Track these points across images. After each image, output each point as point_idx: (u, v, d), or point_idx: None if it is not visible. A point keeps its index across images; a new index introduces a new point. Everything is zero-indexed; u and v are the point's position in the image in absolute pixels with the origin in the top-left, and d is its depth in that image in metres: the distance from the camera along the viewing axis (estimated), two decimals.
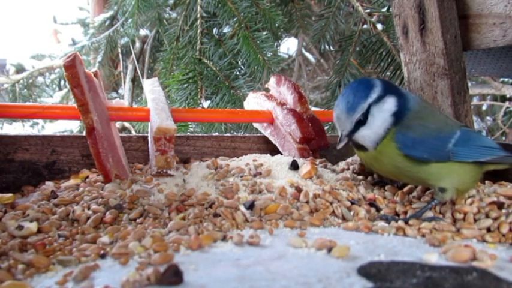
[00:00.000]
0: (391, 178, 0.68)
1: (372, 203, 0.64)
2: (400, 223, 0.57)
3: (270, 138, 0.92)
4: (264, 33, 1.31)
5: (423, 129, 0.59)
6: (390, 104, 0.60)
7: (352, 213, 0.62)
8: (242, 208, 0.61)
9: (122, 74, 2.23)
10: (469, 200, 0.62)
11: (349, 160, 0.81)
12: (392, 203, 0.65)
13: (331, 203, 0.64)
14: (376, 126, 0.60)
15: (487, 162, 0.61)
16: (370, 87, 0.60)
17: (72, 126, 2.19)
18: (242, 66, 1.39)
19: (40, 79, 2.46)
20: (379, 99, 0.59)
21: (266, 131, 0.93)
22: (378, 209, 0.63)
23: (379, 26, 1.32)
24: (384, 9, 1.42)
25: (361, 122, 0.60)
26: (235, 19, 1.32)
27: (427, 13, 0.82)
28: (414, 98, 0.62)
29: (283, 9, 1.65)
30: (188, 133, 1.17)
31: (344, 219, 0.61)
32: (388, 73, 1.20)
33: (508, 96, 2.63)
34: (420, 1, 0.82)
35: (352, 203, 0.64)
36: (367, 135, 0.60)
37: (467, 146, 0.59)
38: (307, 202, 0.64)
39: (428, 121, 0.61)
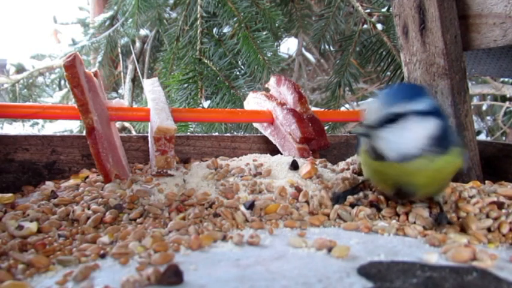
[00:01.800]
0: (422, 190, 0.59)
1: (373, 203, 0.64)
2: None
3: (270, 138, 0.92)
4: (264, 33, 1.31)
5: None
6: (434, 125, 0.53)
7: (354, 211, 0.62)
8: (242, 208, 0.61)
9: (122, 74, 2.24)
10: (473, 200, 0.62)
11: (349, 160, 0.81)
12: (393, 203, 0.65)
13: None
14: (407, 137, 0.53)
15: None
16: (425, 97, 0.54)
17: (72, 126, 2.19)
18: (242, 66, 1.39)
19: (40, 79, 2.46)
20: (424, 114, 0.53)
21: (266, 131, 0.93)
22: (379, 209, 0.63)
23: (379, 26, 1.32)
24: (384, 9, 1.42)
25: (391, 122, 0.53)
26: (235, 19, 1.32)
27: (427, 13, 0.82)
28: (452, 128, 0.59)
29: (283, 9, 1.65)
30: (188, 133, 1.17)
31: (344, 220, 0.61)
32: (388, 73, 1.21)
33: (508, 96, 2.63)
34: (420, 1, 0.82)
35: (353, 206, 0.63)
36: (393, 140, 0.53)
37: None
38: (306, 202, 0.64)
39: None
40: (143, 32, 2.16)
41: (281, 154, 0.85)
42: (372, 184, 0.68)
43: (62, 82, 2.39)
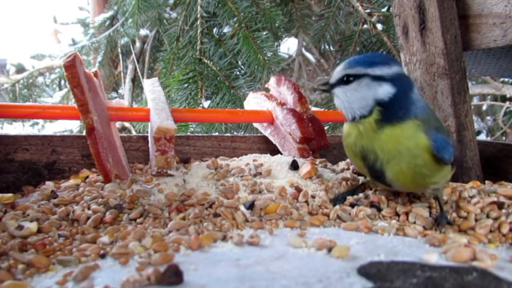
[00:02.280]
0: (397, 181, 0.59)
1: (373, 204, 0.64)
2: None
3: (270, 138, 0.92)
4: (264, 33, 1.31)
5: (440, 126, 0.59)
6: (386, 91, 0.55)
7: (354, 211, 0.62)
8: (242, 208, 0.61)
9: (122, 74, 2.23)
10: (473, 200, 0.62)
11: (349, 160, 0.81)
12: (393, 203, 0.65)
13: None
14: (358, 97, 0.56)
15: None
16: (384, 64, 0.56)
17: (72, 126, 2.19)
18: (242, 66, 1.39)
19: (40, 79, 2.46)
20: (380, 79, 0.55)
21: (266, 131, 0.93)
22: (379, 209, 0.63)
23: (379, 26, 1.32)
24: (384, 9, 1.42)
25: (347, 82, 0.56)
26: (235, 19, 1.32)
27: (427, 13, 0.82)
28: (423, 106, 0.58)
29: (283, 9, 1.65)
30: (188, 133, 1.17)
31: (344, 220, 0.61)
32: None
33: (508, 96, 2.63)
34: (420, 1, 0.82)
35: (353, 206, 0.63)
36: (345, 98, 0.57)
37: (453, 149, 0.59)
38: (306, 202, 0.64)
39: (438, 119, 0.60)
40: (143, 32, 2.16)
41: (281, 154, 0.85)
42: (355, 169, 0.71)
43: (62, 82, 2.39)
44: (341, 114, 0.61)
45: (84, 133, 0.69)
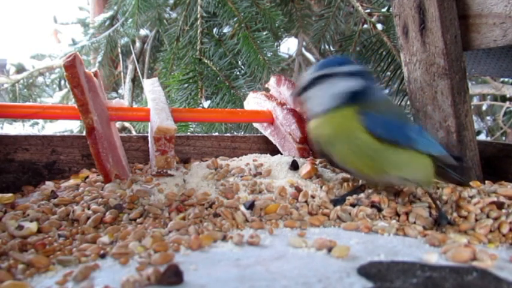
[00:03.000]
0: (346, 164, 0.62)
1: (374, 204, 0.64)
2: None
3: (270, 138, 0.92)
4: (264, 33, 1.31)
5: (389, 112, 0.61)
6: (355, 84, 0.61)
7: (354, 211, 0.62)
8: (242, 208, 0.61)
9: (122, 74, 2.23)
10: (473, 200, 0.62)
11: None
12: (394, 203, 0.65)
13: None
14: (328, 93, 0.61)
15: (442, 160, 0.62)
16: (348, 63, 0.62)
17: (72, 126, 2.19)
18: (242, 66, 1.39)
19: (40, 79, 2.46)
20: (347, 75, 0.61)
21: (266, 131, 0.93)
22: (379, 209, 0.63)
23: (379, 26, 1.32)
24: (384, 9, 1.42)
25: (316, 83, 0.62)
26: (235, 19, 1.32)
27: (427, 13, 0.82)
28: (382, 95, 0.64)
29: (283, 9, 1.65)
30: (188, 133, 1.17)
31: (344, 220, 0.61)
32: (388, 73, 1.20)
33: (508, 96, 2.63)
34: (420, 1, 0.82)
35: (354, 206, 0.63)
36: (316, 96, 0.62)
37: (424, 138, 0.61)
38: (306, 202, 0.64)
39: (392, 109, 0.63)
40: (143, 32, 2.16)
41: (281, 154, 0.85)
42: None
43: (62, 82, 2.39)
44: None
45: (84, 133, 0.69)
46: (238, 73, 1.38)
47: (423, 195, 0.67)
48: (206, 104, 1.39)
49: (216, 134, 1.26)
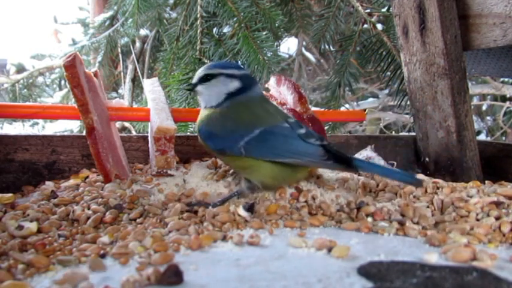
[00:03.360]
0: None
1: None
2: None
3: None
4: (264, 33, 1.31)
5: (222, 126, 0.65)
6: (234, 85, 0.67)
7: (354, 211, 0.62)
8: (241, 210, 0.60)
9: (121, 74, 2.23)
10: (473, 200, 0.62)
11: None
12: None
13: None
14: (212, 91, 0.68)
15: (294, 164, 0.63)
16: (235, 68, 0.69)
17: (72, 126, 2.19)
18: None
19: (40, 79, 2.45)
20: (231, 76, 0.68)
21: None
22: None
23: (379, 26, 1.32)
24: (384, 9, 1.42)
25: (205, 80, 0.68)
26: (235, 19, 1.32)
27: (427, 13, 0.82)
28: (256, 96, 0.69)
29: (283, 9, 1.65)
30: (188, 133, 1.17)
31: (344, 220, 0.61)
32: (388, 73, 1.20)
33: (508, 96, 2.63)
34: (420, 1, 0.82)
35: (358, 208, 0.63)
36: (203, 93, 0.69)
37: (261, 145, 0.62)
38: (306, 202, 0.64)
39: (236, 116, 0.66)
40: (143, 32, 2.16)
41: None
42: None
43: (62, 82, 2.39)
44: (342, 114, 0.62)
45: (84, 133, 0.69)
46: None
47: (424, 195, 0.67)
48: None
49: None
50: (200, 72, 0.69)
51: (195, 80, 0.70)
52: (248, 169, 0.63)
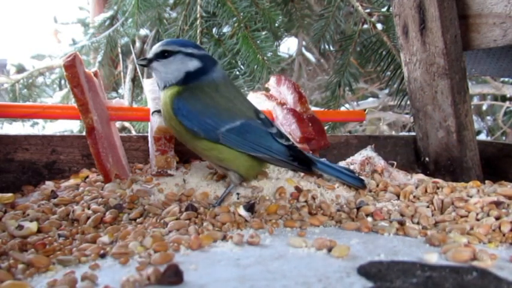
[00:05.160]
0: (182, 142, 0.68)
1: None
2: None
3: None
4: (264, 33, 1.30)
5: (202, 105, 0.63)
6: (194, 65, 0.64)
7: (354, 211, 0.62)
8: (242, 211, 0.60)
9: (121, 74, 2.23)
10: (473, 200, 0.62)
11: (349, 160, 0.81)
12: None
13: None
14: (169, 69, 0.64)
15: (263, 159, 0.64)
16: (194, 47, 0.66)
17: (72, 126, 2.19)
18: (242, 66, 1.39)
19: (40, 79, 2.45)
20: (190, 55, 0.65)
21: None
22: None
23: (379, 26, 1.32)
24: (384, 9, 1.41)
25: (161, 57, 0.65)
26: (234, 19, 1.32)
27: (427, 13, 0.82)
28: (221, 79, 0.66)
29: (283, 9, 1.65)
30: None
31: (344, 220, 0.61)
32: (388, 73, 1.20)
33: (508, 96, 2.63)
34: (420, 1, 0.82)
35: (358, 207, 0.63)
36: (159, 70, 0.65)
37: (241, 137, 0.62)
38: (306, 202, 0.64)
39: (213, 100, 0.64)
40: (143, 32, 2.16)
41: None
42: None
43: (62, 82, 2.38)
44: (342, 114, 0.62)
45: (84, 133, 0.69)
46: (237, 73, 1.38)
47: (424, 195, 0.67)
48: None
49: None
50: (156, 47, 0.66)
51: (150, 55, 0.66)
52: (224, 161, 0.63)
